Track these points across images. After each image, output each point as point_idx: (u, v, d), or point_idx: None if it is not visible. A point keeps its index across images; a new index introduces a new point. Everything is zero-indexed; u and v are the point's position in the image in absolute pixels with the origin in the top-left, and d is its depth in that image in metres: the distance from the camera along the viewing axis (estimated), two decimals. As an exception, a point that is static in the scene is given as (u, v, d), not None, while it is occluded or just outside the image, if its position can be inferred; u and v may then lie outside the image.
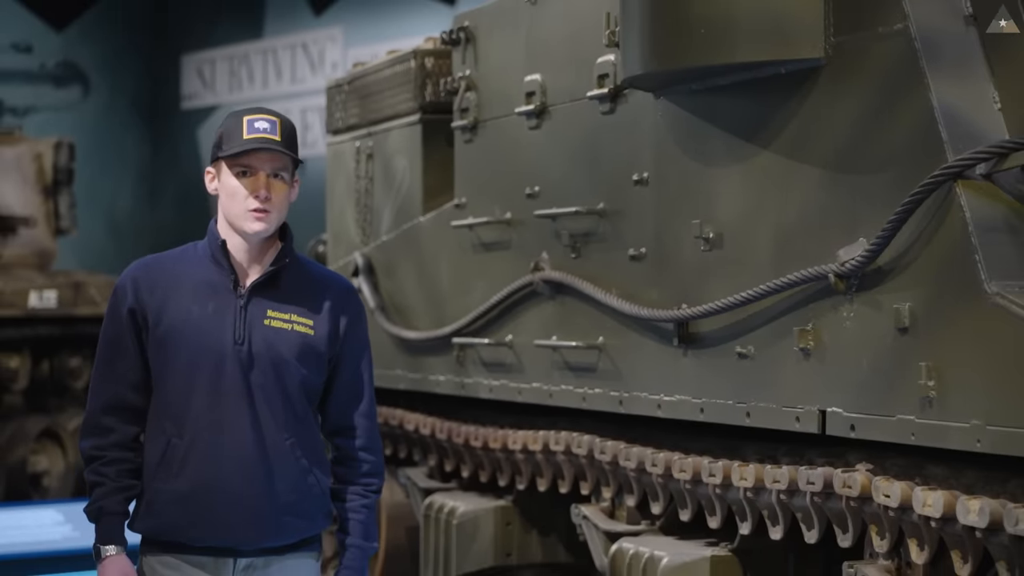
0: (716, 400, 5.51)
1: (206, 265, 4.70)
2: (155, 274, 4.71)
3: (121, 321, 4.68)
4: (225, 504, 4.58)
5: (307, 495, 4.70)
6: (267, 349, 4.63)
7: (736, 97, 5.39)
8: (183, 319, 4.63)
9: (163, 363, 4.64)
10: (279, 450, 4.63)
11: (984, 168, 4.48)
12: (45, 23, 24.25)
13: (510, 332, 6.81)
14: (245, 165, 4.61)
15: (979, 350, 4.40)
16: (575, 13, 6.41)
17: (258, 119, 4.66)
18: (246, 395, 4.60)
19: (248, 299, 4.66)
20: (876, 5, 4.84)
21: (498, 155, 6.99)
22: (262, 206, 4.59)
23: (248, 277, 4.68)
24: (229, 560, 4.65)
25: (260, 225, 4.60)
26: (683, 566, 5.69)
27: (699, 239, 5.58)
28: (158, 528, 4.65)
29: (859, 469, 4.95)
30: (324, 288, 4.77)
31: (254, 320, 4.65)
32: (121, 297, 4.70)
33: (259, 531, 4.63)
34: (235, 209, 4.63)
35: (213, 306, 4.64)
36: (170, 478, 4.61)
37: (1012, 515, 4.29)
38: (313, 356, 4.70)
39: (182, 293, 4.66)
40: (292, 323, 4.67)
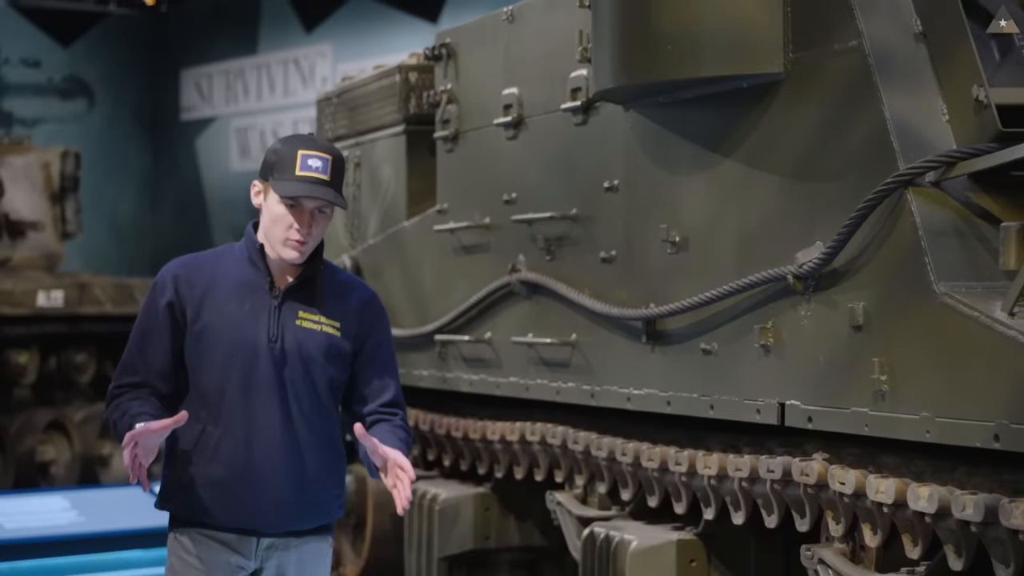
0: (682, 393, 5.51)
1: (243, 266, 4.73)
2: (195, 272, 4.73)
3: (157, 313, 4.70)
4: (254, 490, 4.63)
5: (327, 484, 4.76)
6: (298, 347, 4.67)
7: (701, 109, 5.39)
8: (221, 316, 4.67)
9: (200, 356, 4.68)
10: (305, 441, 4.68)
11: (933, 176, 4.48)
12: (52, 39, 24.22)
13: (489, 330, 6.80)
14: (293, 199, 4.59)
15: (928, 346, 4.40)
16: (550, 31, 6.40)
17: (312, 156, 4.60)
18: (278, 389, 4.64)
19: (282, 300, 4.69)
20: (832, 23, 4.84)
21: (478, 164, 6.99)
22: (301, 239, 4.61)
23: (282, 280, 4.71)
24: (252, 539, 4.69)
25: (295, 255, 4.63)
26: (651, 549, 5.69)
27: (666, 243, 5.58)
28: (189, 510, 4.71)
29: (816, 458, 4.94)
30: (350, 293, 4.81)
31: (287, 320, 4.69)
32: (161, 290, 4.71)
33: (283, 516, 4.68)
34: (276, 234, 4.64)
35: (250, 305, 4.68)
36: (204, 463, 4.66)
37: (959, 501, 4.29)
38: (338, 355, 4.74)
39: (220, 291, 4.69)
40: (321, 324, 4.71)
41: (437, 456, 7.58)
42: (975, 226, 4.45)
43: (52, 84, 24.19)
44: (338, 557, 8.53)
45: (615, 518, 6.11)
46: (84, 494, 13.71)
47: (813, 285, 4.88)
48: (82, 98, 24.56)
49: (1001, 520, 4.16)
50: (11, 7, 23.77)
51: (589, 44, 5.86)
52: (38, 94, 23.97)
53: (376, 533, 8.10)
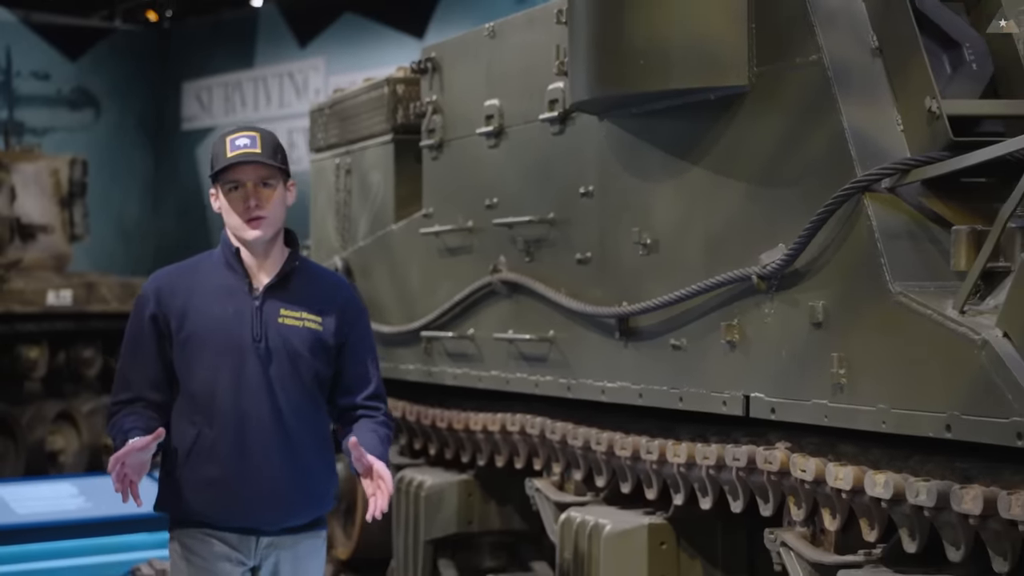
0: (653, 386, 5.50)
1: (222, 271, 4.67)
2: (176, 282, 4.68)
3: (143, 327, 4.64)
4: (252, 488, 4.56)
5: (320, 477, 4.69)
6: (283, 344, 4.61)
7: (670, 120, 5.38)
8: (205, 321, 4.60)
9: (188, 361, 4.61)
10: (297, 436, 4.61)
11: (888, 182, 4.48)
12: (61, 53, 24.21)
13: (472, 326, 6.79)
14: (233, 180, 4.57)
15: (884, 342, 4.40)
16: (529, 46, 6.39)
17: (239, 136, 4.60)
18: (267, 387, 4.57)
19: (263, 300, 4.62)
20: (793, 39, 4.83)
21: (461, 171, 6.98)
22: (255, 214, 4.54)
23: (261, 280, 4.65)
24: (252, 538, 4.62)
25: (256, 232, 4.56)
26: (624, 532, 5.69)
27: (638, 245, 5.57)
28: (188, 511, 4.63)
29: (778, 447, 4.94)
30: (328, 288, 4.76)
31: (269, 319, 4.62)
32: (144, 304, 4.66)
33: (281, 512, 4.61)
34: (233, 222, 4.60)
35: (232, 308, 4.61)
36: (200, 466, 4.58)
37: (913, 488, 4.29)
38: (322, 349, 4.67)
39: (202, 298, 4.63)
40: (303, 320, 4.64)
41: (423, 445, 7.57)
42: (928, 229, 4.45)
43: (61, 96, 24.16)
44: (330, 540, 8.51)
45: (590, 503, 6.10)
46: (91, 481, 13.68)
47: (776, 285, 4.88)
48: (89, 109, 24.55)
49: (952, 505, 4.16)
50: (23, 23, 23.75)
51: (566, 58, 5.85)
52: (48, 105, 23.95)
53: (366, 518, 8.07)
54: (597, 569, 5.71)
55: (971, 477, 4.18)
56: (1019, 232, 4.18)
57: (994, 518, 4.05)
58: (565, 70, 5.91)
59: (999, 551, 4.12)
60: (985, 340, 4.01)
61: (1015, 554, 4.08)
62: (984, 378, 4.00)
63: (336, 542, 8.42)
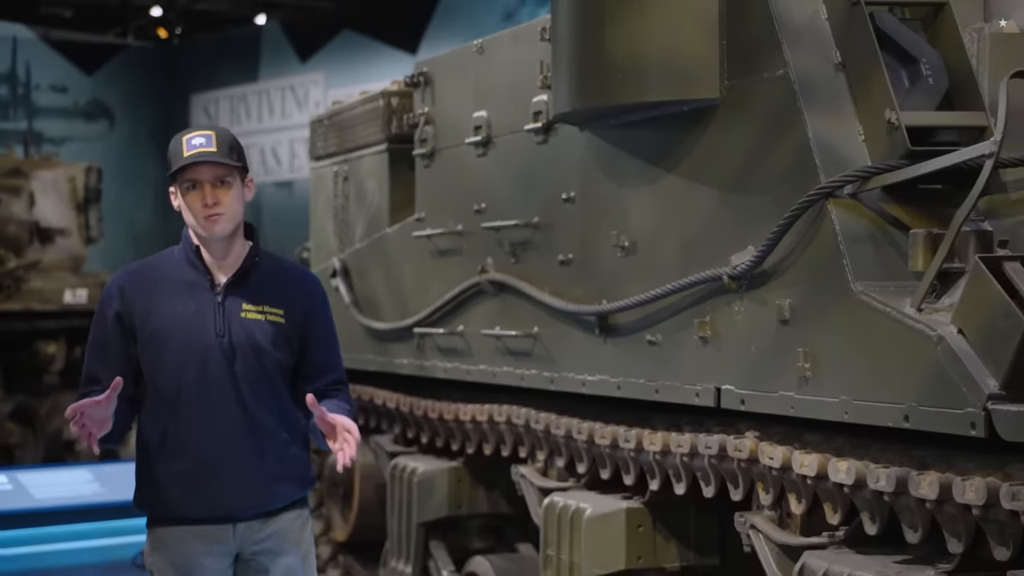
0: (630, 379, 5.49)
1: (184, 268, 4.48)
2: (139, 279, 4.50)
3: (107, 324, 4.47)
4: (220, 480, 4.39)
5: (291, 464, 4.51)
6: (246, 338, 4.41)
7: (647, 130, 5.37)
8: (169, 317, 4.41)
9: (154, 358, 4.42)
10: (263, 427, 4.43)
11: (851, 189, 4.47)
12: (78, 68, 24.21)
13: (461, 323, 6.78)
14: (190, 180, 4.39)
15: (846, 338, 4.40)
16: (514, 61, 6.39)
17: (194, 136, 4.42)
18: (231, 381, 4.39)
19: (224, 296, 4.44)
20: (762, 54, 4.82)
21: (451, 178, 6.97)
22: (212, 211, 4.36)
23: (221, 276, 4.46)
24: (228, 526, 4.45)
25: (216, 227, 4.38)
26: (603, 516, 5.68)
27: (616, 247, 5.56)
28: (162, 506, 4.46)
29: (748, 436, 4.93)
30: (290, 280, 4.57)
31: (232, 314, 4.43)
32: (108, 302, 4.49)
33: (252, 500, 4.44)
34: (192, 220, 4.42)
35: (194, 304, 4.42)
36: (170, 460, 4.41)
37: (873, 474, 4.29)
38: (285, 341, 4.47)
39: (165, 294, 4.45)
40: (265, 313, 4.45)
41: (415, 434, 7.55)
42: (888, 233, 4.44)
43: (77, 107, 24.15)
44: (328, 523, 8.52)
45: (572, 489, 6.09)
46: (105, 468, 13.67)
47: (745, 284, 4.87)
48: (104, 120, 24.55)
49: (910, 491, 4.15)
50: (42, 40, 23.77)
51: (549, 73, 5.84)
52: (65, 116, 23.95)
53: (362, 502, 8.07)
54: (578, 550, 5.70)
55: (928, 464, 4.18)
56: (972, 235, 4.18)
57: (949, 502, 4.05)
58: (548, 84, 5.90)
59: (953, 533, 4.12)
60: (941, 336, 4.00)
61: (968, 536, 4.08)
62: (940, 372, 3.99)
63: (334, 525, 8.42)
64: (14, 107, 23.41)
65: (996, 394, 3.83)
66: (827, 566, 4.43)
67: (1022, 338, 3.74)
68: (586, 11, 5.27)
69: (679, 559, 5.70)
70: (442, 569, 7.12)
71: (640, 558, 5.67)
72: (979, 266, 3.95)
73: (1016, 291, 3.87)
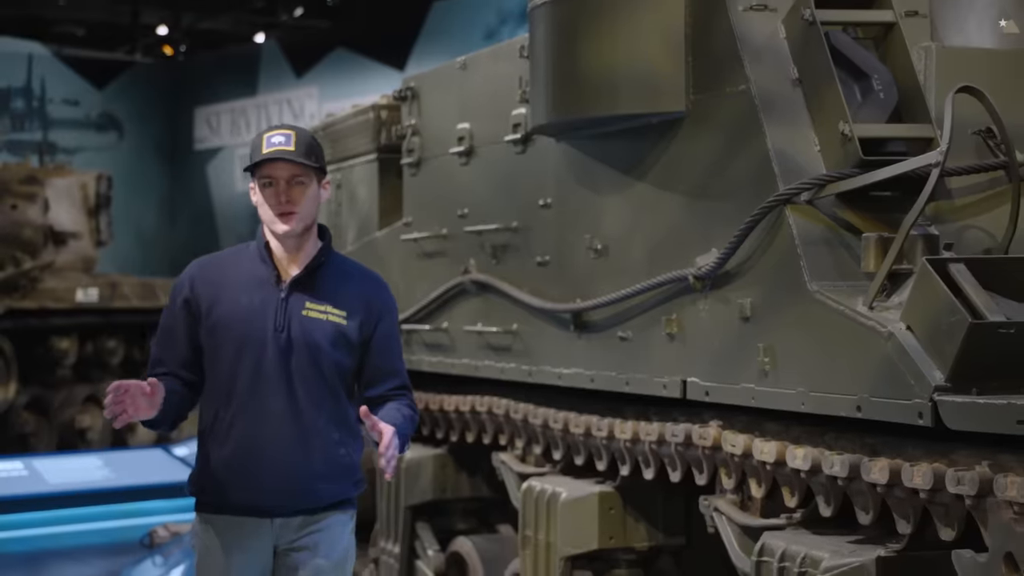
0: (603, 372, 5.48)
1: (254, 263, 4.27)
2: (210, 271, 4.31)
3: (176, 311, 4.28)
4: (262, 472, 4.17)
5: (338, 464, 4.26)
6: (304, 336, 4.18)
7: (618, 141, 5.36)
8: (232, 309, 4.21)
9: (215, 346, 4.22)
10: (313, 425, 4.19)
11: (807, 195, 4.46)
12: (89, 83, 24.20)
13: (446, 320, 6.77)
14: (267, 176, 4.19)
15: (803, 334, 4.39)
16: (495, 76, 6.38)
17: (275, 134, 4.21)
18: (285, 376, 4.16)
19: (288, 293, 4.22)
20: (725, 70, 4.82)
21: (436, 185, 6.95)
22: (285, 209, 4.16)
23: (289, 273, 4.25)
24: (266, 520, 4.21)
25: (285, 226, 4.18)
26: (577, 499, 5.67)
27: (590, 249, 5.56)
28: (209, 493, 4.25)
29: (712, 425, 4.93)
30: (357, 283, 4.32)
31: (293, 311, 4.20)
32: (179, 290, 4.30)
33: (292, 496, 4.20)
34: (265, 216, 4.22)
35: (259, 298, 4.21)
36: (217, 445, 4.21)
37: (828, 460, 4.29)
38: (345, 343, 4.23)
39: (233, 287, 4.24)
40: (327, 314, 4.21)
41: (403, 423, 7.54)
42: (841, 236, 4.44)
43: (89, 120, 24.13)
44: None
45: (548, 474, 6.08)
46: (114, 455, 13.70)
47: (709, 284, 4.86)
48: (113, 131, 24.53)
49: (862, 475, 4.15)
50: (55, 56, 23.75)
51: (527, 88, 5.83)
52: (77, 128, 23.92)
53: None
54: (554, 531, 5.69)
55: (878, 451, 4.18)
56: (920, 239, 4.18)
57: (898, 487, 4.05)
58: (526, 98, 5.89)
59: (902, 515, 4.12)
60: (891, 332, 4.00)
61: (916, 518, 4.09)
62: (890, 365, 3.99)
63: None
64: (30, 119, 23.38)
65: (942, 386, 3.83)
66: (785, 546, 4.42)
67: (966, 334, 3.74)
68: (561, 30, 5.27)
69: (648, 539, 5.69)
70: (427, 549, 7.11)
71: (612, 538, 5.66)
72: (926, 267, 3.95)
73: (960, 290, 3.87)
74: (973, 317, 3.78)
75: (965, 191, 4.53)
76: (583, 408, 5.76)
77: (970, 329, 3.75)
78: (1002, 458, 3.75)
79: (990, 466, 3.75)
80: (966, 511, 3.84)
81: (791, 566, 4.35)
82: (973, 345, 3.76)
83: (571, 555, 5.67)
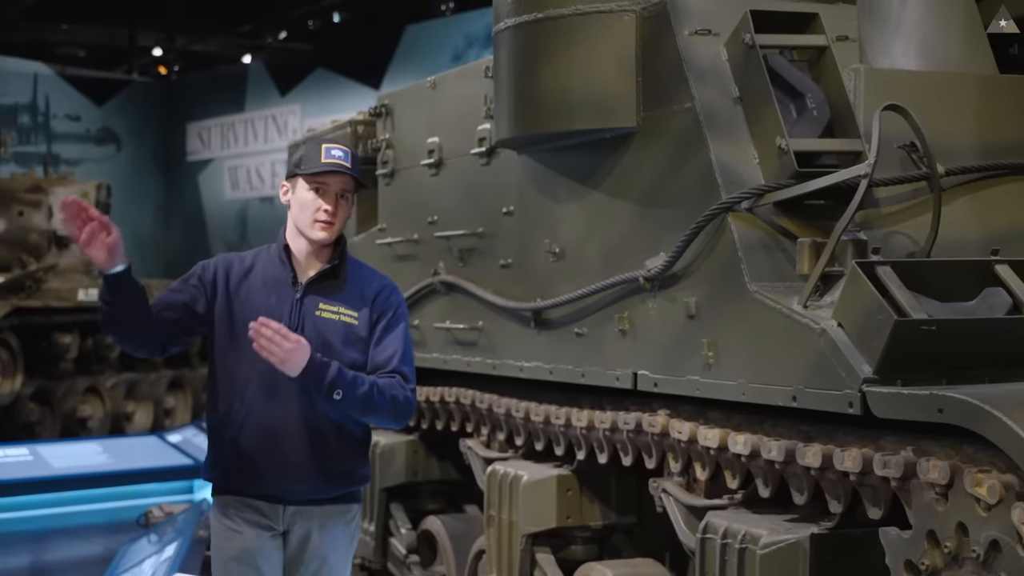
0: (560, 365, 5.47)
1: (274, 263, 4.20)
2: (235, 265, 4.21)
3: (192, 278, 4.18)
4: (277, 461, 4.10)
5: (348, 458, 4.19)
6: (317, 335, 4.08)
7: (574, 154, 5.35)
8: (249, 306, 4.12)
9: (229, 340, 4.13)
10: (324, 419, 4.09)
11: (747, 204, 4.46)
12: (90, 100, 24.11)
13: (417, 318, 6.74)
14: (320, 182, 4.13)
15: (743, 330, 4.39)
16: (462, 95, 6.36)
17: (334, 148, 4.17)
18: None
19: (304, 294, 4.14)
20: (672, 90, 4.81)
21: (409, 194, 6.93)
22: (328, 219, 4.12)
23: (305, 275, 4.18)
24: (279, 506, 4.15)
25: (324, 234, 4.12)
26: (538, 481, 5.66)
27: (549, 253, 5.54)
28: (225, 479, 4.19)
29: (660, 414, 4.92)
30: (366, 284, 4.23)
31: (308, 311, 4.13)
32: (206, 267, 4.21)
33: (304, 486, 4.13)
34: (305, 218, 4.13)
35: (276, 297, 4.14)
36: (231, 436, 4.13)
37: (766, 446, 4.29)
38: (357, 341, 4.14)
39: (252, 284, 4.17)
40: (339, 314, 4.14)
41: (378, 412, 7.52)
42: (778, 241, 4.43)
43: (89, 134, 24.03)
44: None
45: (511, 458, 6.07)
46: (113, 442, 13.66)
47: (658, 285, 4.86)
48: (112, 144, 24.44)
49: (797, 460, 4.16)
50: (59, 76, 23.68)
51: (491, 105, 5.81)
52: (79, 141, 23.83)
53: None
54: (517, 511, 5.68)
55: (812, 437, 4.18)
56: (850, 243, 4.18)
57: (830, 470, 4.05)
58: (491, 114, 5.87)
59: (834, 496, 4.12)
60: (823, 329, 4.00)
61: (847, 498, 4.09)
62: (822, 359, 3.99)
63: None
64: (35, 133, 23.26)
65: (870, 378, 3.83)
66: (727, 524, 4.42)
67: (892, 330, 3.75)
68: (523, 53, 5.25)
69: (602, 518, 5.69)
70: (401, 527, 7.09)
71: (569, 517, 5.65)
72: (856, 270, 3.95)
73: (887, 291, 3.88)
74: (898, 315, 3.78)
75: (891, 200, 4.54)
76: (543, 398, 5.75)
77: (896, 326, 3.75)
78: (925, 444, 3.75)
79: (914, 451, 3.75)
80: (892, 492, 3.85)
81: (732, 543, 4.34)
82: (898, 340, 3.76)
83: (532, 533, 5.66)
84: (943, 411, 3.57)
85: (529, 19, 5.19)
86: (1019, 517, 3.34)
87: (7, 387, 14.57)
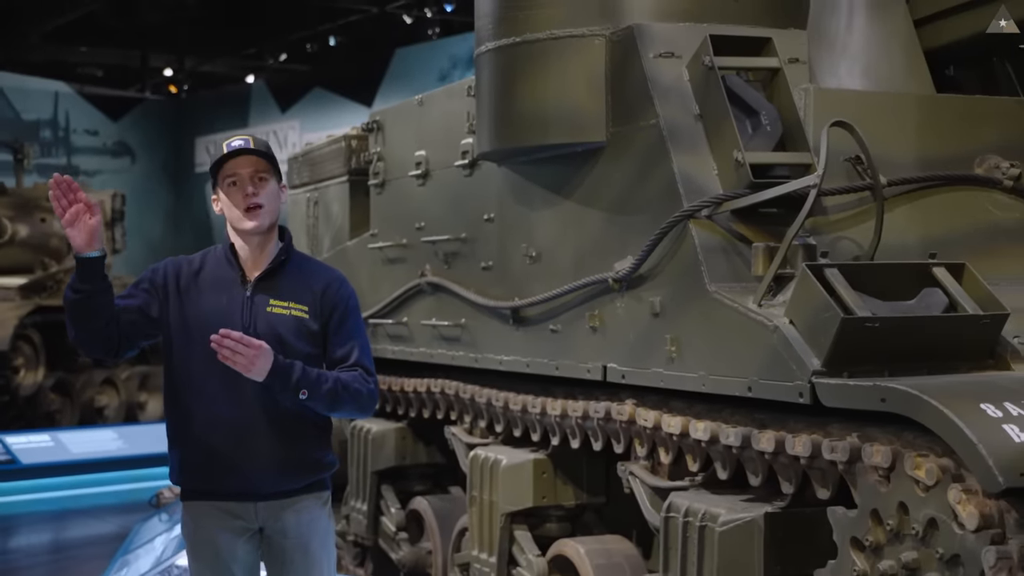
0: (537, 359, 5.46)
1: (221, 264, 3.93)
2: (183, 268, 3.95)
3: (148, 281, 3.93)
4: (242, 457, 3.83)
5: (311, 449, 3.93)
6: (270, 331, 3.82)
7: (549, 166, 5.34)
8: (201, 307, 3.87)
9: (185, 342, 3.87)
10: (285, 413, 3.83)
11: (707, 212, 4.45)
12: (106, 116, 24.03)
13: (406, 315, 6.73)
14: (231, 174, 3.86)
15: (704, 327, 4.38)
16: (447, 112, 6.34)
17: (235, 139, 3.89)
18: None
19: (253, 291, 3.88)
20: (638, 107, 4.80)
21: (398, 202, 6.91)
22: (253, 202, 3.83)
23: (253, 273, 3.92)
24: (250, 504, 3.88)
25: (254, 222, 3.85)
26: (516, 465, 5.65)
27: (526, 256, 5.53)
28: (192, 481, 3.93)
29: (627, 403, 4.91)
30: (316, 278, 3.96)
31: (259, 308, 3.86)
32: (152, 273, 3.96)
33: (272, 479, 3.86)
34: (233, 215, 3.87)
35: (226, 297, 3.88)
36: (194, 438, 3.86)
37: (724, 432, 4.28)
38: (308, 334, 3.88)
39: (201, 286, 3.90)
40: (290, 309, 3.87)
41: (370, 402, 7.50)
42: (736, 246, 4.43)
43: (106, 147, 23.97)
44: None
45: (491, 444, 6.05)
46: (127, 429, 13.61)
47: (626, 286, 4.85)
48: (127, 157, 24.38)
49: (752, 445, 4.15)
50: (78, 94, 23.60)
51: (474, 121, 5.80)
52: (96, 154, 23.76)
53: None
54: (496, 491, 5.67)
55: (766, 424, 4.18)
56: (801, 248, 4.17)
57: (783, 454, 4.05)
58: (473, 130, 5.86)
59: (786, 478, 4.12)
60: (776, 326, 4.00)
61: (797, 480, 4.09)
62: (775, 353, 3.99)
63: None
64: (56, 147, 23.19)
65: (819, 370, 3.83)
66: (688, 504, 4.41)
67: (839, 327, 3.75)
68: (502, 73, 5.24)
69: (574, 498, 5.68)
70: (390, 507, 7.07)
71: (544, 497, 5.64)
72: (806, 272, 3.95)
73: (834, 291, 3.87)
74: (845, 313, 3.78)
75: (838, 208, 4.54)
76: (520, 389, 5.74)
77: (842, 323, 3.75)
78: (869, 430, 3.75)
79: (859, 437, 3.75)
80: (839, 474, 3.84)
81: (693, 520, 4.34)
82: (845, 336, 3.76)
83: (511, 511, 5.65)
84: (885, 401, 3.57)
85: (508, 43, 5.18)
86: (954, 497, 3.35)
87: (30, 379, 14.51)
